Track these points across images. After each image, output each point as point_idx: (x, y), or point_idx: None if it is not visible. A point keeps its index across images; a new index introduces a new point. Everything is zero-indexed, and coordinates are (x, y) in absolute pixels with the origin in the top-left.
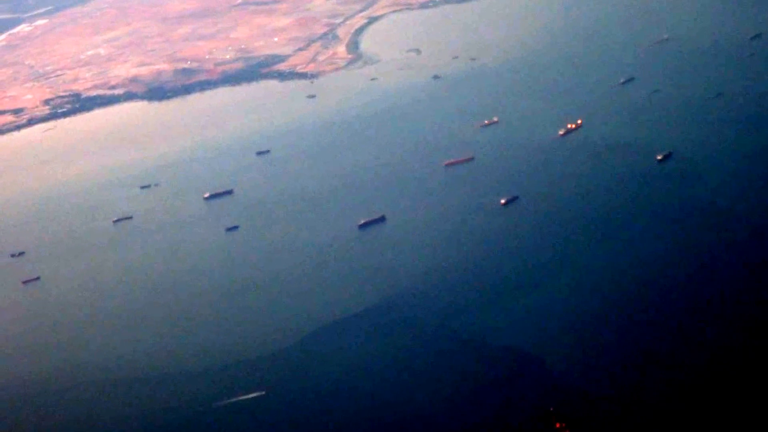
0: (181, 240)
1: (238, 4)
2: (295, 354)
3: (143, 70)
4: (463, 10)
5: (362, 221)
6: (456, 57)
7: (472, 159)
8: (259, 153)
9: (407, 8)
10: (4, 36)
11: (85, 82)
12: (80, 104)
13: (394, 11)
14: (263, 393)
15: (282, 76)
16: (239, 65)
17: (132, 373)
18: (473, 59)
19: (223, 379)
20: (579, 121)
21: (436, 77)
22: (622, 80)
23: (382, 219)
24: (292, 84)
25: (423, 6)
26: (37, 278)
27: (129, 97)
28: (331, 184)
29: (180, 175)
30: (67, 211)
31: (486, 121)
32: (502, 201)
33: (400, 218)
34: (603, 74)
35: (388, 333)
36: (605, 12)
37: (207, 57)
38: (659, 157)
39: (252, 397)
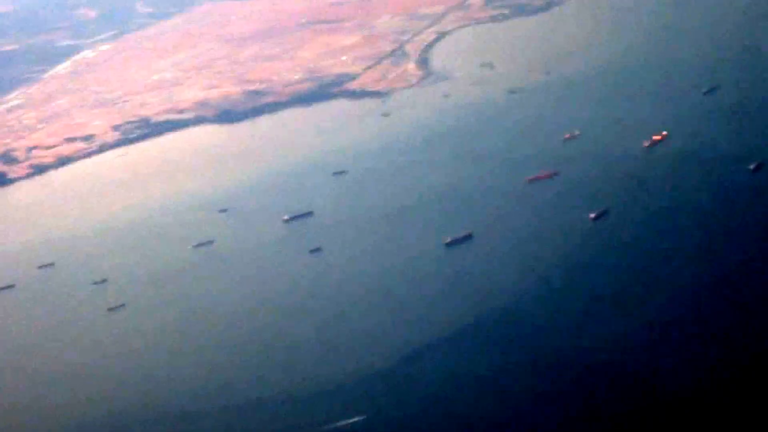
0: (264, 263)
1: (303, 24)
2: (391, 376)
3: (211, 93)
4: (533, 22)
5: (449, 239)
6: (531, 70)
7: (556, 174)
8: (336, 173)
9: (476, 23)
10: (68, 63)
11: (154, 107)
12: (150, 129)
13: (463, 26)
14: (364, 417)
15: (352, 95)
16: (308, 85)
17: (225, 401)
18: (549, 72)
19: (321, 404)
20: (664, 133)
21: (511, 91)
22: (705, 89)
23: (469, 237)
24: (363, 103)
25: (492, 20)
26: (122, 305)
27: (199, 120)
28: (413, 203)
29: (257, 197)
30: (147, 236)
31: (567, 135)
32: (592, 216)
33: (487, 235)
34: (685, 83)
35: (484, 354)
36: (683, 19)
37: (275, 78)
38: (751, 167)
39: (353, 422)
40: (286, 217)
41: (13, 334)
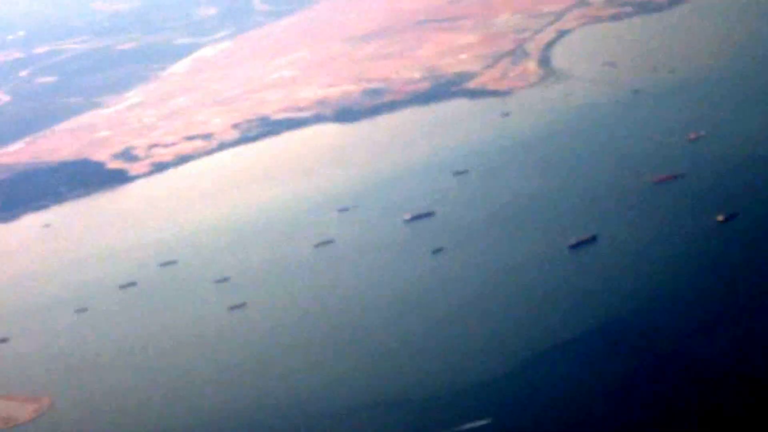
0: (385, 264)
1: (421, 22)
2: (515, 380)
3: (330, 92)
4: (655, 20)
5: (573, 241)
6: (654, 69)
7: (681, 175)
8: (457, 173)
9: (597, 21)
10: (186, 60)
11: (273, 105)
12: (269, 127)
13: (584, 24)
14: (489, 421)
15: (472, 94)
16: (427, 84)
17: (349, 402)
18: (672, 71)
19: (445, 406)
20: None
21: (635, 91)
22: None
23: (593, 239)
24: (483, 102)
25: (613, 18)
26: (243, 304)
27: (318, 119)
28: (536, 203)
29: (377, 197)
30: (268, 235)
31: (693, 135)
32: (720, 218)
33: (611, 238)
34: None
35: (610, 358)
36: None
37: (393, 76)
38: None
39: (478, 426)
40: (407, 217)
41: (136, 332)
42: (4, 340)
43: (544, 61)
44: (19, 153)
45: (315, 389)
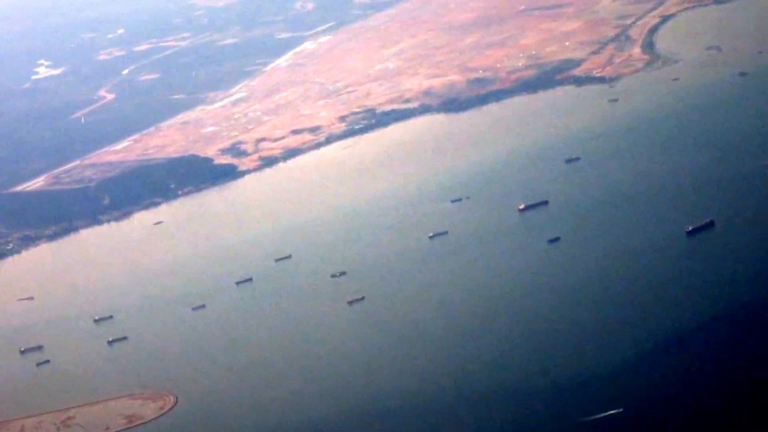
0: (501, 254)
1: (522, 10)
2: (642, 369)
3: (435, 82)
4: (760, 3)
5: (690, 227)
6: (761, 52)
7: None
8: (569, 161)
9: (700, 5)
10: (289, 55)
11: (378, 97)
12: (376, 120)
13: (687, 8)
14: (620, 410)
15: (578, 81)
16: (532, 72)
17: (475, 393)
18: None
19: (575, 395)
20: None
21: (742, 74)
22: None
23: (711, 224)
24: (589, 89)
25: (717, 1)
26: (362, 298)
27: (424, 110)
28: (650, 189)
29: (489, 186)
30: (381, 227)
31: None
32: None
33: (730, 223)
34: None
35: (737, 347)
36: None
37: (498, 65)
38: None
39: (610, 414)
40: (521, 207)
41: (255, 328)
42: (122, 339)
43: (649, 46)
44: (127, 151)
45: (435, 380)
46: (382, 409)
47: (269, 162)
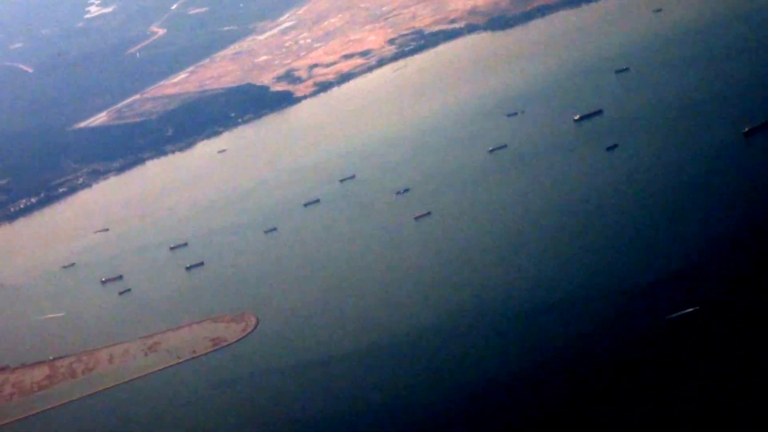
0: (561, 163)
1: None
2: (712, 267)
3: (480, 1)
4: None
5: (746, 128)
6: None
7: None
8: (618, 71)
9: None
10: None
11: (424, 19)
12: (424, 41)
13: None
14: (696, 308)
15: None
16: None
17: (555, 298)
18: None
19: (652, 296)
20: None
21: None
22: None
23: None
24: (633, 0)
25: None
26: (428, 213)
27: (471, 29)
28: (702, 95)
29: (543, 99)
30: (441, 144)
31: None
32: None
33: None
34: None
35: None
36: None
37: None
38: None
39: (687, 313)
40: (576, 117)
41: (327, 247)
42: (199, 264)
43: None
44: (184, 83)
45: (510, 289)
46: (463, 320)
47: (324, 87)
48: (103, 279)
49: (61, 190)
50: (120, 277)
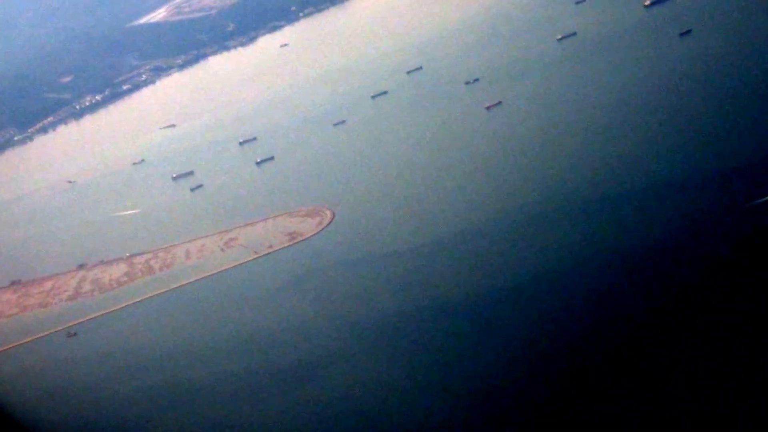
0: (633, 49)
1: None
2: None
3: None
4: None
5: None
6: None
7: None
8: None
9: None
10: None
11: None
12: None
13: None
14: None
15: None
16: None
17: (636, 186)
18: None
19: (735, 182)
20: None
21: None
22: None
23: None
24: None
25: None
26: (499, 103)
27: None
28: None
29: None
30: (507, 32)
31: None
32: None
33: None
34: None
35: None
36: None
37: None
38: None
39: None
40: (647, 2)
41: (398, 139)
42: (270, 159)
43: None
44: None
45: (594, 177)
46: (541, 209)
47: None
48: (174, 175)
49: (125, 86)
50: (191, 173)
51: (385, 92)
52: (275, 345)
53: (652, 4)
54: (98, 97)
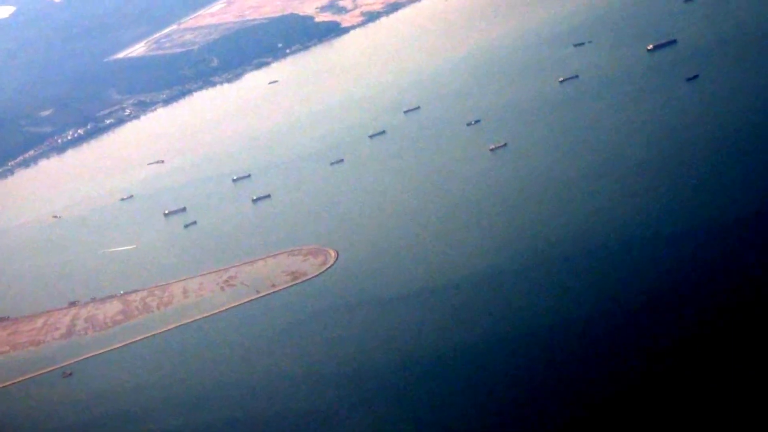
0: (639, 94)
1: None
2: None
3: None
4: None
5: None
6: None
7: None
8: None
9: None
10: None
11: None
12: None
13: None
14: None
15: None
16: None
17: (652, 227)
18: None
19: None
20: None
21: None
22: None
23: None
24: None
25: None
26: (504, 145)
27: None
28: None
29: (609, 29)
30: (509, 73)
31: None
32: None
33: None
34: None
35: None
36: None
37: None
38: None
39: None
40: (650, 47)
41: (398, 180)
42: (266, 197)
43: None
44: (223, 13)
45: (605, 223)
46: (549, 256)
47: (372, 17)
48: (166, 211)
49: (108, 121)
50: (183, 209)
51: (383, 132)
52: (280, 392)
53: (655, 48)
54: (81, 131)
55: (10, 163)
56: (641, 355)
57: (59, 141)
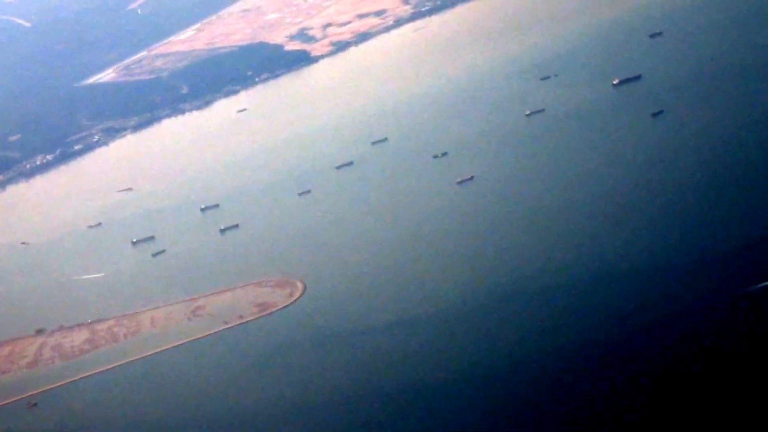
0: (605, 128)
1: None
2: None
3: None
4: None
5: None
6: None
7: None
8: (653, 35)
9: None
10: None
11: None
12: (441, 1)
13: None
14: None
15: None
16: None
17: (620, 268)
18: None
19: (727, 268)
20: None
21: None
22: None
23: None
24: None
25: None
26: (471, 178)
27: None
28: (745, 59)
29: (576, 63)
30: (475, 107)
31: None
32: None
33: None
34: None
35: None
36: None
37: None
38: None
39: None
40: (615, 81)
41: (366, 211)
42: (234, 227)
43: None
44: (192, 40)
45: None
46: (520, 290)
47: (341, 47)
48: (134, 240)
49: (76, 147)
50: (152, 238)
51: (350, 163)
52: (246, 424)
53: (621, 83)
54: (49, 157)
55: None
56: (613, 393)
57: (27, 166)
